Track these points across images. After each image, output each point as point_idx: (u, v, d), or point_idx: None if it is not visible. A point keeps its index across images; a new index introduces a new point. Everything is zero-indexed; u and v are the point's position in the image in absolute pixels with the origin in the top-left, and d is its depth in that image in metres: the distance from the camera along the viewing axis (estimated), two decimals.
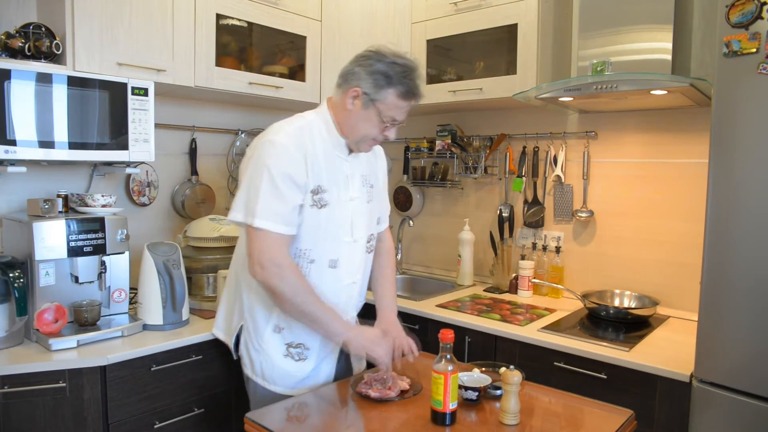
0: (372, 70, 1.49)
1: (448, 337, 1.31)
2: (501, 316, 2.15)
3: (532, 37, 2.23)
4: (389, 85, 1.49)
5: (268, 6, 2.38)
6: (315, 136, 1.55)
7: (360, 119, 1.54)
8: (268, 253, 1.46)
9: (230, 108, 2.71)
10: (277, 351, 1.61)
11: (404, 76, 1.49)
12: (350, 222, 1.62)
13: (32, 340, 1.78)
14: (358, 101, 1.52)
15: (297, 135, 1.52)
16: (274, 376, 1.61)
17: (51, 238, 1.77)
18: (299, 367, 1.62)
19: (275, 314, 1.61)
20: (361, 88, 1.50)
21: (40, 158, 1.75)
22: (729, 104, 1.47)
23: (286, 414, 1.40)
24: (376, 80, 1.49)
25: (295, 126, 1.54)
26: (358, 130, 1.56)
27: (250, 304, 1.64)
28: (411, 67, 1.51)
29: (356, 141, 1.58)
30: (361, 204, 1.65)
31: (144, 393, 1.76)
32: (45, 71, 1.73)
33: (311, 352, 1.63)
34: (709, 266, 1.53)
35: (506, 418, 1.31)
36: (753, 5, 1.41)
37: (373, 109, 1.52)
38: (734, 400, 1.49)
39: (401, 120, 1.56)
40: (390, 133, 1.57)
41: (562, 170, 2.52)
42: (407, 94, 1.51)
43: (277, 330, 1.61)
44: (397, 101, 1.51)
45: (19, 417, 1.59)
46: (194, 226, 2.26)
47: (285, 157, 1.48)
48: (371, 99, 1.51)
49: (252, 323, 1.64)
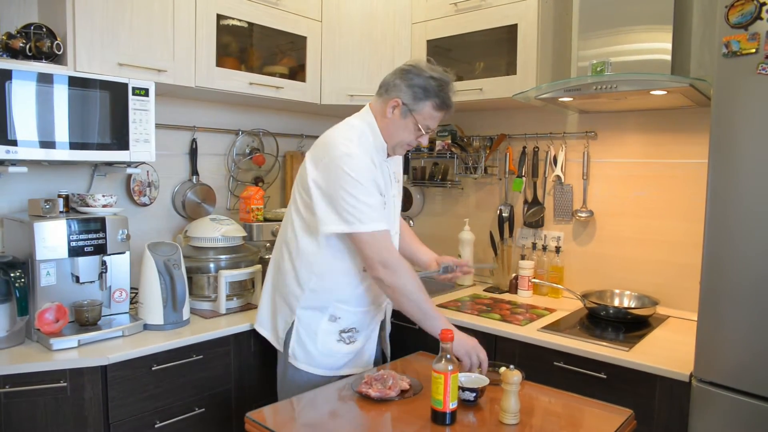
0: (411, 84, 1.66)
1: (448, 336, 1.32)
2: (501, 315, 2.16)
3: (531, 37, 2.23)
4: (426, 98, 1.65)
5: (268, 6, 2.38)
6: (369, 145, 1.70)
7: (398, 127, 1.70)
8: (386, 252, 1.62)
9: (231, 108, 2.71)
10: (332, 338, 1.74)
11: (440, 89, 1.66)
12: (394, 217, 1.82)
13: (33, 340, 1.78)
14: (398, 111, 1.68)
15: (364, 144, 1.66)
16: (328, 360, 1.74)
17: (52, 238, 1.78)
18: (349, 348, 1.76)
19: (332, 305, 1.73)
20: (401, 99, 1.66)
21: (41, 158, 1.76)
22: (728, 104, 1.48)
23: (287, 413, 1.41)
24: (415, 93, 1.65)
25: (356, 135, 1.67)
26: (396, 136, 1.71)
27: (305, 301, 1.73)
28: (446, 81, 1.68)
29: (393, 145, 1.74)
30: (397, 200, 1.87)
31: (145, 393, 1.77)
32: (46, 71, 1.74)
33: (360, 334, 1.78)
34: (708, 266, 1.54)
35: (506, 418, 1.31)
36: (752, 6, 1.41)
37: (411, 118, 1.68)
38: (733, 400, 1.49)
39: (434, 128, 1.75)
40: (423, 139, 1.74)
41: (562, 170, 2.52)
42: (442, 105, 1.68)
43: (333, 319, 1.74)
44: (433, 112, 1.68)
45: (20, 416, 1.59)
46: (195, 226, 2.26)
47: (365, 166, 1.62)
48: (410, 109, 1.67)
49: (306, 318, 1.74)
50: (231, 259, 2.20)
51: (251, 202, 2.51)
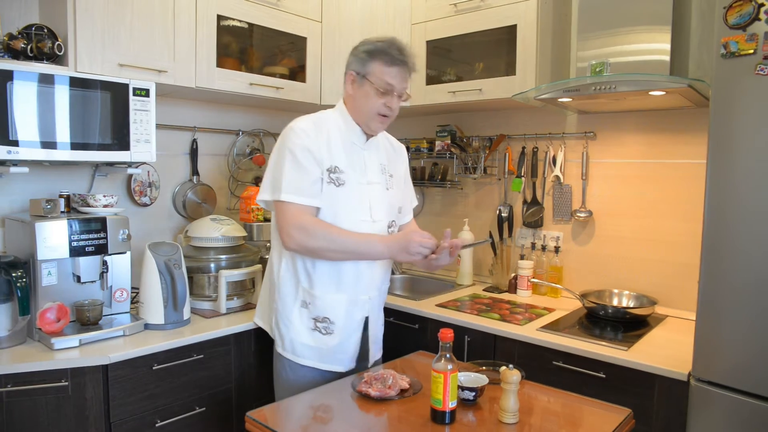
0: (357, 53, 1.71)
1: (448, 336, 1.32)
2: (500, 315, 2.16)
3: (531, 38, 2.24)
4: (372, 57, 1.67)
5: (268, 7, 2.39)
6: (331, 125, 1.72)
7: (360, 97, 1.71)
8: (292, 220, 1.62)
9: (231, 108, 2.72)
10: (305, 325, 1.74)
11: (386, 47, 1.67)
12: (368, 204, 1.74)
13: (35, 340, 1.79)
14: (355, 83, 1.71)
15: (315, 121, 1.71)
16: (304, 350, 1.73)
17: (53, 238, 1.78)
18: (325, 341, 1.73)
19: (300, 290, 1.73)
20: (353, 70, 1.71)
21: (43, 159, 1.76)
22: (727, 105, 1.48)
23: (287, 413, 1.41)
24: (361, 59, 1.69)
25: (314, 116, 1.74)
26: (363, 108, 1.71)
27: (279, 284, 1.76)
28: (389, 40, 1.69)
29: (366, 121, 1.73)
30: (379, 189, 1.78)
31: (145, 392, 1.77)
32: (47, 72, 1.74)
33: (336, 326, 1.73)
34: (706, 266, 1.54)
35: (505, 417, 1.32)
36: (750, 6, 1.42)
37: (366, 82, 1.68)
38: (732, 399, 1.49)
39: (397, 86, 1.69)
40: (392, 102, 1.70)
41: (561, 170, 2.53)
42: (392, 60, 1.67)
43: (304, 305, 1.73)
44: (384, 68, 1.67)
45: (22, 415, 1.60)
46: (195, 226, 2.27)
47: (303, 137, 1.65)
48: (362, 75, 1.69)
49: (281, 302, 1.76)
50: (231, 258, 2.21)
51: (251, 202, 2.51)
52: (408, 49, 1.70)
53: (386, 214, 1.79)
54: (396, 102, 1.72)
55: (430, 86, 2.57)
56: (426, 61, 2.59)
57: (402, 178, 1.92)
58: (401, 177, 1.91)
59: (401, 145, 1.96)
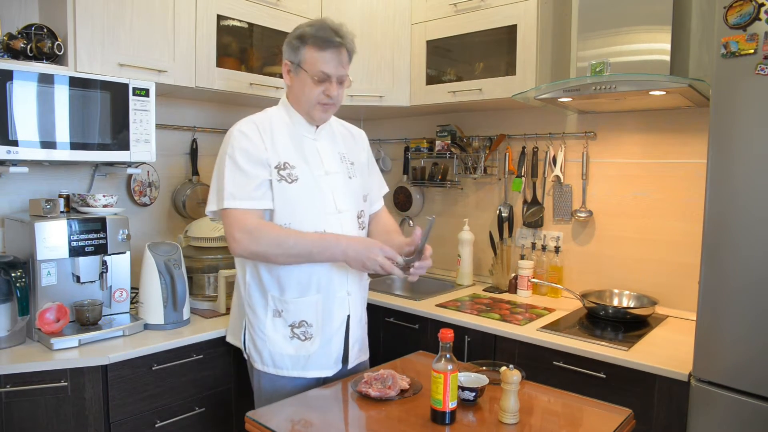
0: (288, 41, 1.63)
1: (448, 336, 1.32)
2: (500, 315, 2.16)
3: (531, 38, 2.24)
4: (303, 43, 1.59)
5: (268, 7, 2.39)
6: (275, 121, 1.64)
7: (297, 87, 1.63)
8: (236, 224, 1.52)
9: (231, 108, 2.72)
10: (282, 335, 1.63)
11: (314, 31, 1.58)
12: (331, 195, 1.65)
13: (34, 340, 1.79)
14: (291, 73, 1.64)
15: (253, 121, 1.62)
16: (285, 361, 1.63)
17: (52, 238, 1.78)
18: (306, 347, 1.63)
19: (270, 298, 1.63)
20: (287, 59, 1.63)
21: (42, 158, 1.76)
22: (727, 105, 1.48)
23: (287, 413, 1.41)
24: (293, 46, 1.61)
25: (256, 115, 1.66)
26: (302, 98, 1.63)
27: (247, 297, 1.67)
28: (320, 22, 1.60)
29: (307, 111, 1.64)
30: (341, 178, 1.69)
31: (145, 392, 1.77)
32: (47, 72, 1.74)
33: (315, 329, 1.63)
34: (707, 266, 1.54)
35: (505, 417, 1.32)
36: (751, 6, 1.42)
37: (301, 71, 1.60)
38: (732, 399, 1.49)
39: (334, 73, 1.60)
40: (332, 91, 1.61)
41: (561, 170, 2.53)
42: (323, 43, 1.57)
43: (277, 314, 1.63)
44: (315, 54, 1.58)
45: (21, 416, 1.59)
46: (195, 226, 2.27)
47: (242, 139, 1.58)
48: (296, 64, 1.61)
49: (253, 315, 1.66)
50: (231, 258, 2.21)
51: None
52: (343, 29, 1.61)
53: (353, 204, 1.69)
54: (335, 89, 1.61)
55: (430, 86, 2.57)
56: (426, 61, 2.59)
57: (365, 164, 1.82)
58: (363, 164, 1.81)
59: (360, 131, 1.86)
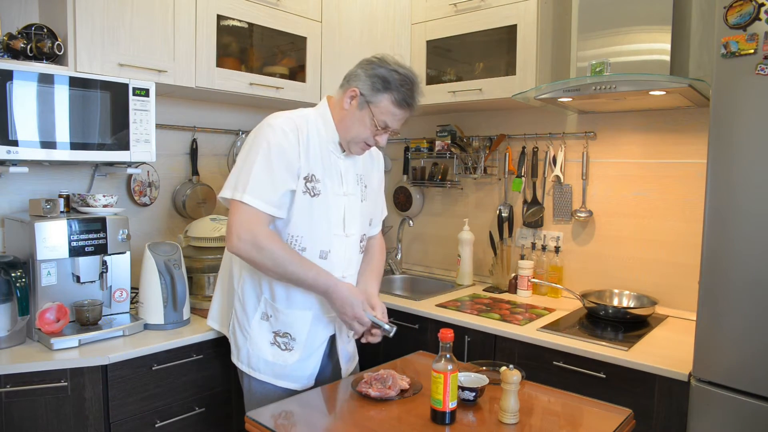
0: (372, 74, 1.55)
1: (448, 336, 1.32)
2: (500, 315, 2.16)
3: (531, 38, 2.24)
4: (386, 90, 1.54)
5: (268, 7, 2.39)
6: (311, 128, 1.59)
7: (354, 119, 1.58)
8: (247, 225, 1.47)
9: (231, 108, 2.72)
10: (264, 338, 1.64)
11: (402, 84, 1.54)
12: (343, 216, 1.64)
13: (34, 340, 1.79)
14: (355, 101, 1.57)
15: (294, 121, 1.56)
16: (260, 364, 1.64)
17: (52, 238, 1.78)
18: (284, 357, 1.63)
19: (263, 301, 1.64)
20: (359, 89, 1.55)
21: (42, 158, 1.76)
22: (727, 105, 1.48)
23: (287, 413, 1.41)
24: (373, 83, 1.54)
25: (294, 115, 1.59)
26: (352, 129, 1.59)
27: (240, 290, 1.67)
28: (410, 78, 1.56)
29: (348, 141, 1.61)
30: (355, 201, 1.68)
31: (145, 392, 1.77)
32: (47, 72, 1.74)
33: (297, 343, 1.63)
34: (707, 266, 1.54)
35: (505, 417, 1.32)
36: (751, 6, 1.42)
37: (367, 110, 1.56)
38: (732, 399, 1.49)
39: (394, 128, 1.60)
40: (381, 139, 1.61)
41: (561, 170, 2.53)
42: (402, 102, 1.55)
43: (265, 317, 1.64)
44: (391, 107, 1.55)
45: (21, 416, 1.59)
46: (195, 226, 2.26)
47: (282, 137, 1.52)
48: (367, 101, 1.55)
49: (241, 310, 1.67)
50: None
51: None
52: (420, 93, 1.59)
53: (359, 228, 1.70)
54: (385, 139, 1.61)
55: (430, 86, 2.56)
56: (426, 61, 2.59)
57: (376, 188, 1.80)
58: (375, 188, 1.79)
59: (380, 153, 1.82)
